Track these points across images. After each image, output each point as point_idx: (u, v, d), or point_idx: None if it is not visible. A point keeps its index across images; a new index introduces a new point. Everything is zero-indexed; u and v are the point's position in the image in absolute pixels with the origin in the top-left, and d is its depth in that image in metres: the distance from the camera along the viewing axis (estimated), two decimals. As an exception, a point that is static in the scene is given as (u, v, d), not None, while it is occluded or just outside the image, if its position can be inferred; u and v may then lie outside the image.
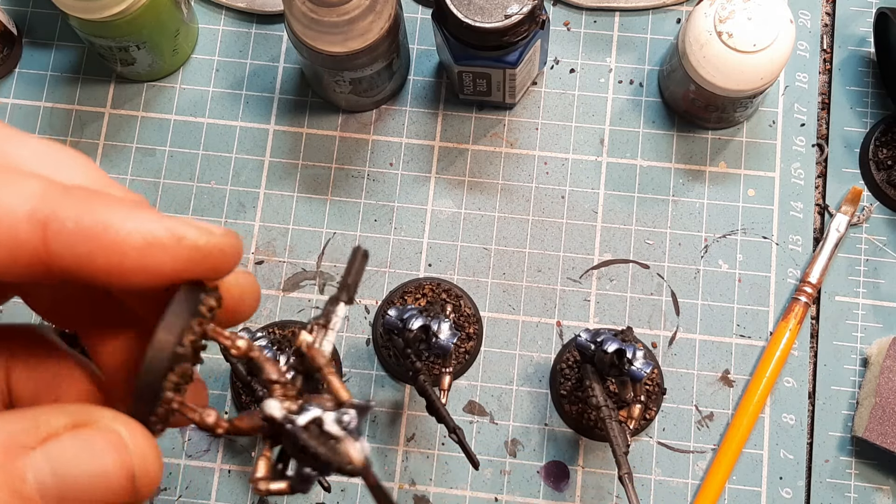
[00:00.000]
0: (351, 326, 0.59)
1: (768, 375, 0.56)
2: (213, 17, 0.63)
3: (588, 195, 0.60)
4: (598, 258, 0.59)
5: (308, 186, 0.60)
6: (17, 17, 0.63)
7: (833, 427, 0.56)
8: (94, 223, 0.22)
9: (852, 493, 0.55)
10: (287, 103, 0.62)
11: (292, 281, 0.59)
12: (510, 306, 0.58)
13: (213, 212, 0.60)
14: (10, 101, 0.62)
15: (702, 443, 0.57)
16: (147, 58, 0.59)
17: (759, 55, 0.52)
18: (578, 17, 0.62)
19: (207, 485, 0.57)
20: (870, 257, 0.58)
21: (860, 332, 0.57)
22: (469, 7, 0.51)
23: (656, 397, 0.56)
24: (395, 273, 0.59)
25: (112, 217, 0.22)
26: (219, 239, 0.24)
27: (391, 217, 0.60)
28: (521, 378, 0.58)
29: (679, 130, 0.61)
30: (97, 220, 0.22)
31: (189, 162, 0.61)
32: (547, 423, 0.57)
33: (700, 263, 0.59)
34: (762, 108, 0.61)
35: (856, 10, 0.62)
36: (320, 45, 0.52)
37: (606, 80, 0.61)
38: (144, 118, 0.62)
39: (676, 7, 0.62)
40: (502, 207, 0.60)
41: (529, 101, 0.61)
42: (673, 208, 0.60)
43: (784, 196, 0.59)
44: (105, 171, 0.62)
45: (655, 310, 0.58)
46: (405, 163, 0.61)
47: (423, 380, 0.52)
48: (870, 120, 0.60)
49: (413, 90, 0.62)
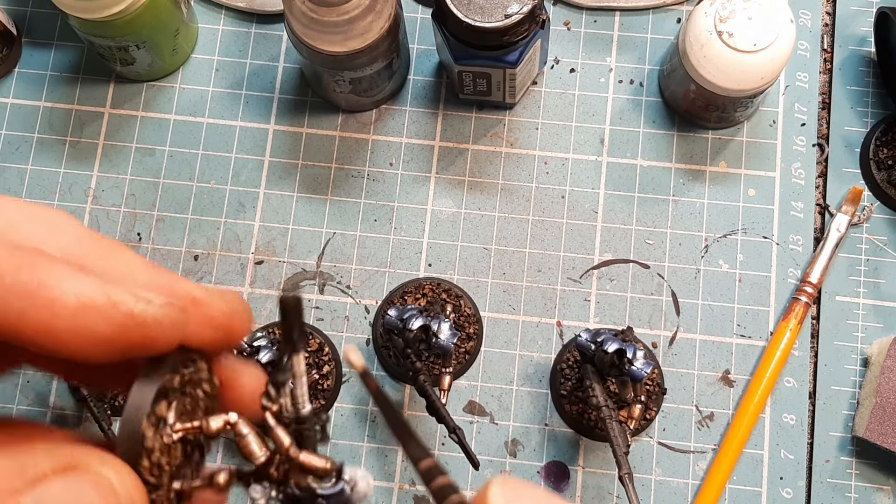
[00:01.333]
0: (351, 326, 0.59)
1: (769, 375, 0.56)
2: (212, 16, 0.63)
3: (588, 195, 0.60)
4: (599, 258, 0.59)
5: (308, 186, 0.60)
6: (16, 16, 0.63)
7: (833, 427, 0.56)
8: (30, 280, 0.21)
9: (853, 493, 0.55)
10: (287, 103, 0.62)
11: (292, 281, 0.59)
12: (510, 306, 0.58)
13: (213, 212, 0.60)
14: (9, 100, 0.62)
15: (702, 443, 0.57)
16: (147, 57, 0.59)
17: (759, 55, 0.52)
18: (578, 17, 0.62)
19: (207, 485, 0.57)
20: (870, 257, 0.58)
21: (861, 332, 0.57)
22: (469, 7, 0.51)
23: (656, 397, 0.56)
24: (395, 273, 0.59)
25: (49, 276, 0.22)
26: (156, 310, 0.23)
27: (391, 217, 0.60)
28: (521, 378, 0.58)
29: (679, 130, 0.61)
30: (34, 278, 0.21)
31: (189, 162, 0.61)
32: (547, 424, 0.57)
33: (700, 263, 0.59)
34: (762, 108, 0.61)
35: (856, 9, 0.62)
36: (320, 45, 0.52)
37: (606, 80, 0.61)
38: (144, 118, 0.62)
39: (677, 7, 0.62)
40: (502, 207, 0.60)
41: (529, 100, 0.61)
42: (673, 208, 0.59)
43: (784, 196, 0.59)
44: (105, 171, 0.62)
45: (656, 310, 0.58)
46: (405, 163, 0.61)
47: (423, 380, 0.52)
48: (870, 120, 0.60)
49: (413, 90, 0.62)
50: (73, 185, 0.61)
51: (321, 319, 0.59)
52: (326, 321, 0.58)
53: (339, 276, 0.59)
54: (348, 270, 0.59)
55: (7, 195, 0.57)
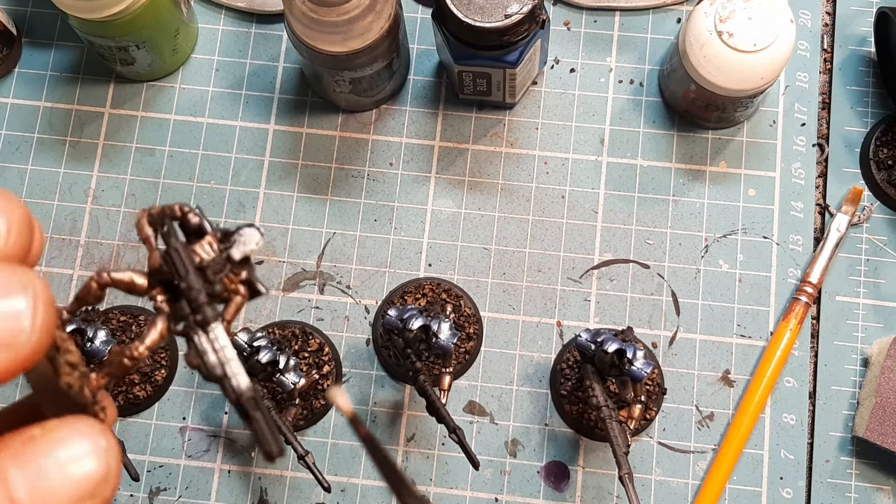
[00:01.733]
0: (351, 326, 0.59)
1: (769, 375, 0.56)
2: (212, 16, 0.63)
3: (588, 195, 0.60)
4: (599, 258, 0.59)
5: (308, 186, 0.60)
6: (16, 16, 0.63)
7: (833, 427, 0.56)
8: None
9: (853, 493, 0.55)
10: (287, 103, 0.62)
11: (292, 281, 0.59)
12: (510, 306, 0.58)
13: (213, 212, 0.60)
14: (9, 100, 0.62)
15: (702, 443, 0.57)
16: (147, 57, 0.59)
17: (759, 55, 0.52)
18: (578, 17, 0.62)
19: (207, 485, 0.57)
20: (870, 257, 0.58)
21: (861, 332, 0.57)
22: (469, 7, 0.51)
23: (656, 397, 0.56)
24: (395, 273, 0.59)
25: None
26: (35, 336, 0.22)
27: (391, 217, 0.60)
28: (521, 378, 0.58)
29: (679, 130, 0.61)
30: None
31: (189, 162, 0.61)
32: (547, 424, 0.57)
33: (700, 263, 0.59)
34: (762, 108, 0.61)
35: (856, 9, 0.62)
36: (320, 45, 0.52)
37: (606, 80, 0.61)
38: (144, 118, 0.62)
39: (676, 7, 0.62)
40: (502, 207, 0.60)
41: (529, 100, 0.61)
42: (673, 208, 0.59)
43: (784, 196, 0.59)
44: (105, 171, 0.62)
45: (656, 310, 0.58)
46: (405, 163, 0.61)
47: (423, 380, 0.52)
48: (870, 119, 0.60)
49: (413, 90, 0.62)
50: (73, 185, 0.61)
51: (321, 319, 0.59)
52: (326, 321, 0.58)
53: (339, 276, 0.59)
54: (348, 270, 0.59)
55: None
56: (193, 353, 0.25)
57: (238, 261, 0.26)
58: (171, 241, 0.25)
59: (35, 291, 0.22)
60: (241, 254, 0.26)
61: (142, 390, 0.57)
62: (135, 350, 0.25)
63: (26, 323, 0.22)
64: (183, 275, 0.25)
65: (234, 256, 0.26)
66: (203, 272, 0.26)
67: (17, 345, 0.22)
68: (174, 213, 0.26)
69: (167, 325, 0.26)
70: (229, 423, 0.58)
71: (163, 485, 0.57)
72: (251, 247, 0.26)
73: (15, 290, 0.22)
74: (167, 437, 0.57)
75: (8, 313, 0.22)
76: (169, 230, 0.26)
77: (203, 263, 0.26)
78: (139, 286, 0.26)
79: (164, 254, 0.25)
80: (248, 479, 0.57)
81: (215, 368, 0.25)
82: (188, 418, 0.57)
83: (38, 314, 0.22)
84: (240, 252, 0.26)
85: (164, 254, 0.25)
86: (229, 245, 0.26)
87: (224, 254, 0.26)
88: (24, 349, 0.22)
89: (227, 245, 0.26)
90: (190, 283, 0.25)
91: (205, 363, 0.25)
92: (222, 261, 0.26)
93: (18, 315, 0.22)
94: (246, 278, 0.26)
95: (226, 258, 0.26)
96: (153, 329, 0.25)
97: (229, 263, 0.26)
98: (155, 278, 0.26)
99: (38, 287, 0.22)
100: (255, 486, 0.57)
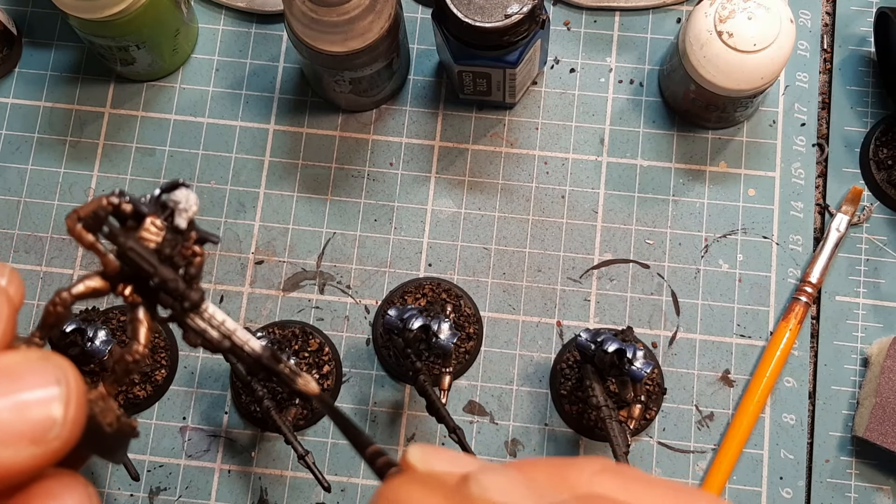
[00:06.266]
0: (351, 326, 0.59)
1: (768, 375, 0.56)
2: (212, 16, 0.63)
3: (588, 195, 0.60)
4: (599, 258, 0.59)
5: (308, 186, 0.60)
6: (17, 16, 0.63)
7: (833, 427, 0.56)
8: None
9: (853, 493, 0.55)
10: (287, 103, 0.62)
11: (292, 281, 0.59)
12: (510, 306, 0.58)
13: (213, 212, 0.60)
14: (9, 100, 0.62)
15: (702, 443, 0.57)
16: (147, 57, 0.59)
17: (759, 55, 0.52)
18: (578, 17, 0.62)
19: (207, 485, 0.57)
20: (870, 257, 0.58)
21: (860, 332, 0.57)
22: (469, 7, 0.51)
23: (656, 397, 0.56)
24: (395, 273, 0.59)
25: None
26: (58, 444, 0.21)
27: (391, 217, 0.60)
28: (521, 378, 0.58)
29: (679, 130, 0.61)
30: None
31: (189, 162, 0.61)
32: (547, 423, 0.57)
33: (700, 263, 0.59)
34: (762, 108, 0.61)
35: (856, 9, 0.62)
36: (320, 45, 0.52)
37: (606, 80, 0.61)
38: (144, 118, 0.62)
39: (676, 7, 0.62)
40: (502, 207, 0.60)
41: (529, 100, 0.61)
42: (673, 208, 0.59)
43: (784, 196, 0.59)
44: (105, 171, 0.62)
45: (655, 310, 0.58)
46: (405, 163, 0.61)
47: (423, 380, 0.52)
48: (870, 119, 0.60)
49: (413, 90, 0.62)
50: (73, 185, 0.61)
51: (321, 319, 0.59)
52: (326, 321, 0.58)
53: (339, 276, 0.59)
54: (348, 270, 0.59)
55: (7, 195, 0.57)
56: (192, 335, 0.25)
57: (185, 228, 0.26)
58: (122, 242, 0.25)
59: (68, 382, 0.21)
60: (186, 220, 0.26)
61: (142, 390, 0.57)
62: (135, 352, 0.25)
63: (58, 415, 0.21)
64: (152, 272, 0.25)
65: (180, 226, 0.26)
66: (162, 255, 0.25)
67: (46, 440, 0.20)
68: (106, 208, 0.25)
69: (148, 315, 0.25)
70: (229, 423, 0.58)
71: (163, 485, 0.57)
72: (193, 208, 0.26)
73: (48, 382, 0.21)
74: (167, 436, 0.57)
75: (38, 406, 0.20)
76: (112, 229, 0.25)
77: (158, 247, 0.25)
78: (102, 289, 0.25)
79: (119, 254, 0.25)
80: (248, 479, 0.57)
81: (222, 342, 0.25)
82: (188, 418, 0.58)
83: (70, 408, 0.21)
84: (184, 220, 0.26)
85: (118, 254, 0.25)
86: (169, 215, 0.26)
87: (171, 228, 0.25)
88: (53, 444, 0.21)
89: (168, 216, 0.26)
90: (163, 276, 0.25)
91: (208, 340, 0.25)
92: (172, 236, 0.25)
93: (49, 407, 0.21)
94: (197, 237, 0.26)
95: (174, 231, 0.25)
96: (139, 325, 0.25)
97: (178, 234, 0.26)
98: (116, 277, 0.25)
99: (70, 378, 0.21)
100: (255, 485, 0.57)
